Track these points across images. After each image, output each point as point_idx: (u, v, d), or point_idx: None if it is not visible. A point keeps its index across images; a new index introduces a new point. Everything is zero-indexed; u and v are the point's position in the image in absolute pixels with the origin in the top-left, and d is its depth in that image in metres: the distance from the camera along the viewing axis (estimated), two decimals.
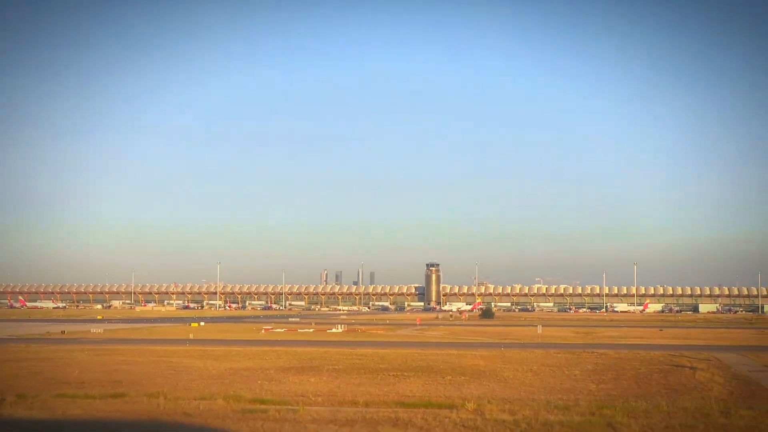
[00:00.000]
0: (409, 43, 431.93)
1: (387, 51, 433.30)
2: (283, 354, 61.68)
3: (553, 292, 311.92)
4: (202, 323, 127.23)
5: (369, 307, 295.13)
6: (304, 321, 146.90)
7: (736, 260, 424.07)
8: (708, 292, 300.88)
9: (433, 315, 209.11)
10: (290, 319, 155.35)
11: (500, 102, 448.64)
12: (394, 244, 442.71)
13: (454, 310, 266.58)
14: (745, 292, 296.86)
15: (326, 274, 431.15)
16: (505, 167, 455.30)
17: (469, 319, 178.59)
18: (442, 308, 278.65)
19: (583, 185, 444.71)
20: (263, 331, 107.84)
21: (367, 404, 34.09)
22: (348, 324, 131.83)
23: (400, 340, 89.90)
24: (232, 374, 47.29)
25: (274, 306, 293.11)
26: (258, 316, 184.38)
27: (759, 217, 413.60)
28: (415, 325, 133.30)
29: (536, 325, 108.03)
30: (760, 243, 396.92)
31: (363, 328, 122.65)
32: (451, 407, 32.74)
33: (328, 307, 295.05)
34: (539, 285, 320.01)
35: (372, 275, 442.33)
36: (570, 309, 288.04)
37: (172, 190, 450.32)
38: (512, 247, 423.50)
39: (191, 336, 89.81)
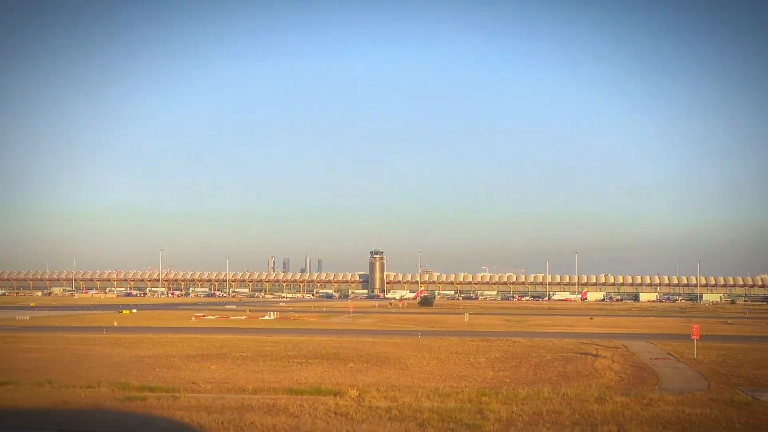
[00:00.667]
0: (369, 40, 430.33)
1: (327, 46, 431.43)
2: (196, 341, 61.62)
3: (497, 280, 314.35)
4: (134, 310, 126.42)
5: (313, 295, 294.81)
6: (240, 308, 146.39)
7: (677, 249, 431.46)
8: (648, 281, 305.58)
9: (372, 303, 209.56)
10: (227, 307, 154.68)
11: (447, 92, 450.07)
12: (343, 232, 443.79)
13: (397, 297, 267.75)
14: (685, 281, 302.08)
15: (273, 262, 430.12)
16: (452, 156, 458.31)
17: (407, 307, 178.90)
18: (386, 296, 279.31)
19: (529, 174, 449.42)
20: (193, 319, 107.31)
21: (255, 391, 34.36)
22: (283, 311, 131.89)
23: (326, 328, 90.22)
24: (134, 362, 47.09)
25: (217, 293, 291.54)
26: (196, 303, 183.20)
27: (699, 207, 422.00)
28: (349, 312, 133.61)
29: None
30: (699, 233, 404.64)
31: (296, 315, 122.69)
32: (336, 394, 33.16)
33: (272, 294, 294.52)
34: (485, 273, 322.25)
35: (320, 263, 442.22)
36: (513, 297, 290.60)
37: (118, 176, 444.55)
38: (459, 235, 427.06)
39: (116, 323, 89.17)
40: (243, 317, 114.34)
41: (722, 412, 29.78)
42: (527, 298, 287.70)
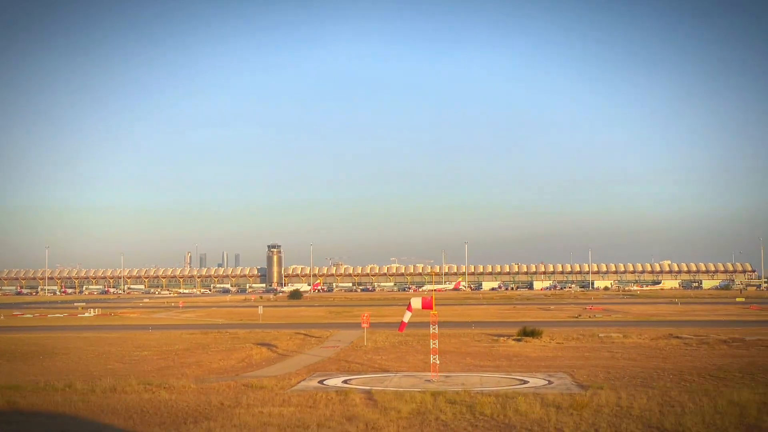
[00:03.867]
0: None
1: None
2: None
3: (395, 271, 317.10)
4: None
5: (210, 290, 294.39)
6: (82, 306, 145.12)
7: (569, 238, 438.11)
8: (543, 270, 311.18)
9: (240, 297, 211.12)
10: (75, 304, 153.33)
11: (356, 86, 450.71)
12: (258, 228, 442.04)
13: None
14: (578, 269, 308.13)
15: (190, 257, 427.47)
16: (363, 152, 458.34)
17: (276, 300, 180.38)
18: (282, 289, 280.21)
19: (436, 166, 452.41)
20: (1, 317, 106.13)
21: None
22: (113, 308, 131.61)
23: (117, 324, 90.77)
24: None
25: (111, 290, 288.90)
26: (55, 302, 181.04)
27: (590, 195, 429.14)
28: (179, 307, 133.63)
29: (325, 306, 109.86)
30: (590, 221, 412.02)
31: (122, 311, 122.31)
32: None
33: (168, 290, 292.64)
34: (393, 265, 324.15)
35: (237, 257, 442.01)
36: (410, 288, 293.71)
37: (32, 173, 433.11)
38: (373, 228, 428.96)
39: None
40: (62, 315, 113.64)
41: (195, 397, 30.68)
42: (423, 288, 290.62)
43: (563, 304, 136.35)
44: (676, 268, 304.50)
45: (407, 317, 39.94)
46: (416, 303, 38.55)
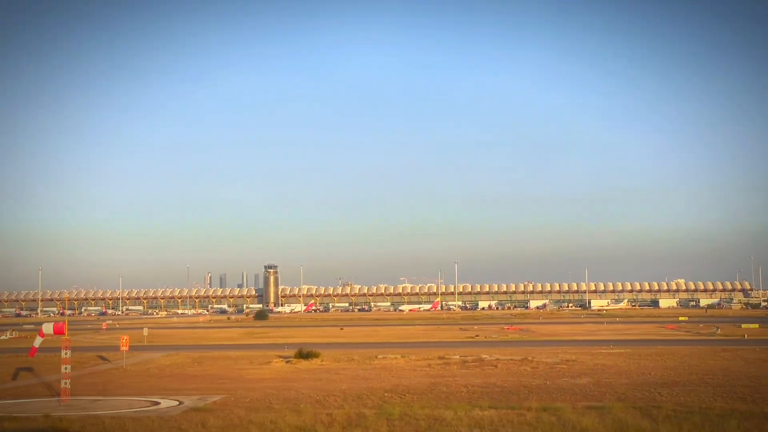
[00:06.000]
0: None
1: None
2: None
3: (392, 291, 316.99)
4: None
5: (208, 310, 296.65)
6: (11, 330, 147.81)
7: (575, 257, 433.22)
8: (540, 289, 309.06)
9: (207, 317, 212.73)
10: (24, 326, 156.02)
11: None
12: (270, 247, 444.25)
13: (288, 311, 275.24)
14: (575, 288, 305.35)
15: (210, 277, 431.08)
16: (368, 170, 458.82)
17: (242, 321, 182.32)
18: (277, 309, 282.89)
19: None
20: None
21: None
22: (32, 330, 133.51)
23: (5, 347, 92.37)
24: None
25: (109, 311, 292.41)
26: (19, 324, 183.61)
27: (581, 214, 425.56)
28: (102, 329, 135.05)
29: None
30: (586, 240, 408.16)
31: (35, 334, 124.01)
32: None
33: (167, 311, 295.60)
34: (404, 284, 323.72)
35: (256, 277, 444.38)
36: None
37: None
38: (379, 247, 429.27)
39: None
40: None
41: None
42: (401, 308, 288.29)
43: (491, 324, 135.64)
44: (674, 287, 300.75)
45: (38, 342, 40.95)
46: (48, 328, 39.50)
